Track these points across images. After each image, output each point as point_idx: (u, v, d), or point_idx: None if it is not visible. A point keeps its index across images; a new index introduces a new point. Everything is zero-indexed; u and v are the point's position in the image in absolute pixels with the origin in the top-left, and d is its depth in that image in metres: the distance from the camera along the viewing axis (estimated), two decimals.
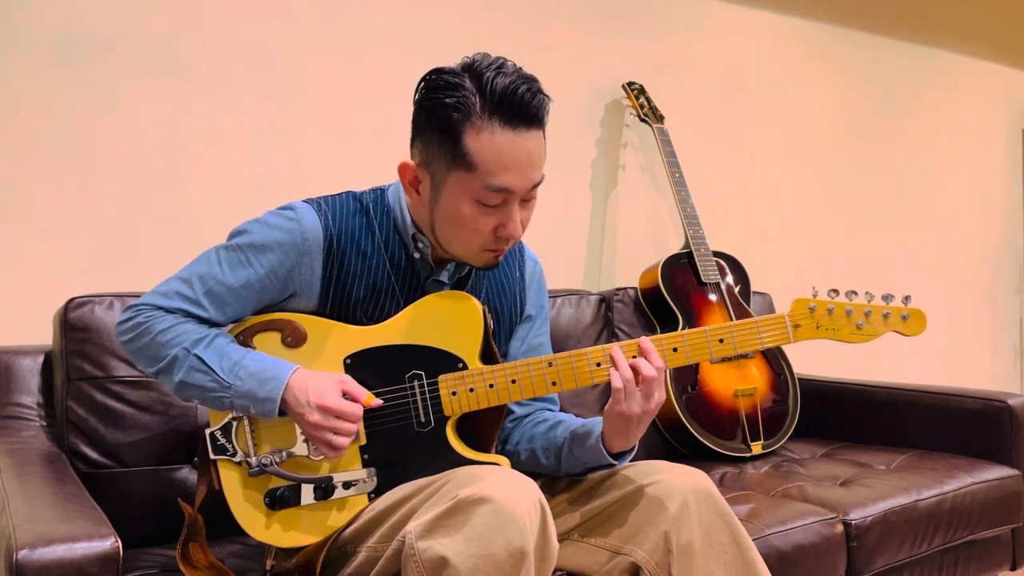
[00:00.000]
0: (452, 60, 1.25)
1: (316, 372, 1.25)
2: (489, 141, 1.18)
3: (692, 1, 2.75)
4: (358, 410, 1.22)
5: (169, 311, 1.27)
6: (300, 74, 2.09)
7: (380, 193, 1.35)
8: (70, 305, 1.59)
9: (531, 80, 1.20)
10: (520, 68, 1.21)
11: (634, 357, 1.26)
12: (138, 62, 1.90)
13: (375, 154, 2.18)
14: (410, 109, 1.27)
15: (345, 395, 1.23)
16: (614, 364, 1.25)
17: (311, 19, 2.10)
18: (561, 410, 1.52)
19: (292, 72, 2.08)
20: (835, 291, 1.30)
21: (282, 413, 1.23)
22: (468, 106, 1.18)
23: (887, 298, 1.31)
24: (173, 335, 1.25)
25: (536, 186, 1.24)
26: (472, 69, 1.20)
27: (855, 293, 1.30)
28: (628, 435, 1.29)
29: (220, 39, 1.99)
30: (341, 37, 2.14)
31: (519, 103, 1.18)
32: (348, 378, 1.25)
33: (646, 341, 1.27)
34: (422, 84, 1.24)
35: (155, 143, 1.92)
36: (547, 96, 1.22)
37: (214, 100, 1.99)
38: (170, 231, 1.94)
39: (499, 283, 1.43)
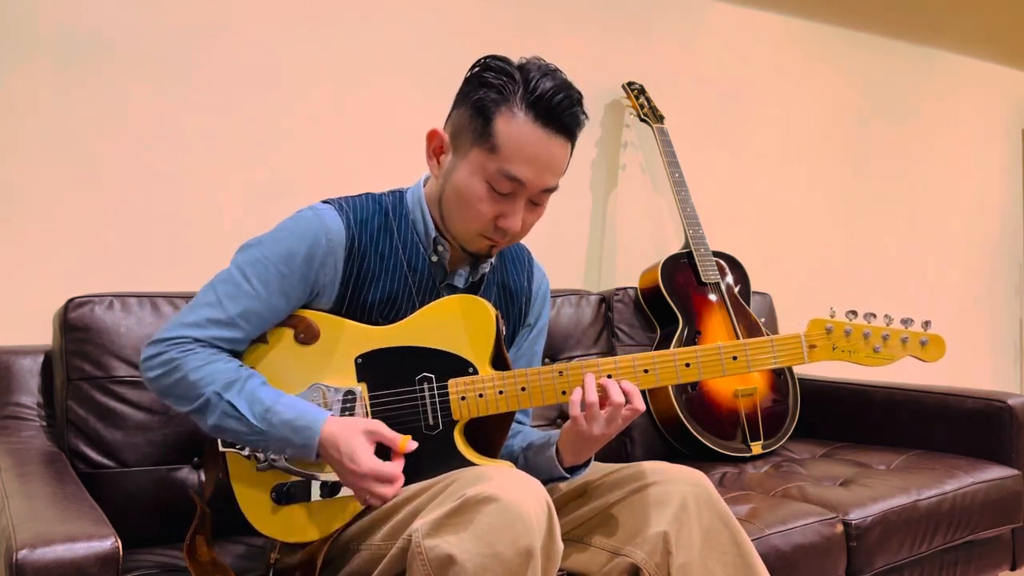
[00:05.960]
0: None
1: (345, 428, 1.20)
2: (518, 129, 1.22)
3: (692, 1, 2.75)
4: (396, 470, 1.19)
5: (202, 341, 1.24)
6: (301, 76, 2.09)
7: (399, 196, 1.36)
8: (70, 305, 1.58)
9: (574, 92, 1.25)
10: (571, 83, 1.25)
11: (609, 376, 1.26)
12: (138, 63, 1.90)
13: (375, 155, 2.18)
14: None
15: (380, 445, 1.21)
16: (582, 386, 1.24)
17: (312, 21, 2.10)
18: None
19: (293, 73, 2.08)
20: (853, 312, 1.30)
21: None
22: (509, 92, 1.22)
23: (906, 322, 1.31)
24: (204, 374, 1.22)
25: (548, 192, 1.27)
26: (524, 66, 1.25)
27: (873, 315, 1.30)
28: (581, 452, 1.31)
29: (221, 40, 1.99)
30: (342, 39, 2.14)
31: (555, 107, 1.22)
32: (378, 426, 1.21)
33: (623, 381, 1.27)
34: (478, 62, 1.27)
35: (155, 143, 1.92)
36: (585, 114, 1.26)
37: (215, 101, 1.99)
38: (170, 231, 1.94)
39: (509, 290, 1.44)
